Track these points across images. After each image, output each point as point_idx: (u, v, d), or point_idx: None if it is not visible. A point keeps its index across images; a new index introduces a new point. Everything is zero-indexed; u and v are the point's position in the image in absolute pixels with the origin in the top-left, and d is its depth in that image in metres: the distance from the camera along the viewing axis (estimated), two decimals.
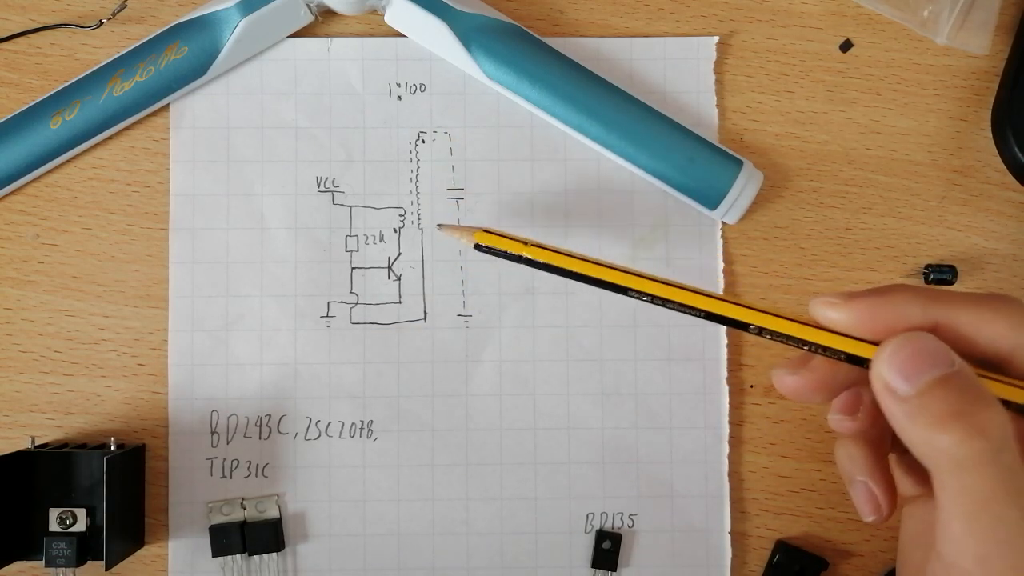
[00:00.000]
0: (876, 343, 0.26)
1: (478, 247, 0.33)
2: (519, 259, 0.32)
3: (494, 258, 0.32)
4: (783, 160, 0.41)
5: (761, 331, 0.28)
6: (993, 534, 0.23)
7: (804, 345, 0.27)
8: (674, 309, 0.29)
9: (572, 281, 0.31)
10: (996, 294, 0.26)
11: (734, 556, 0.40)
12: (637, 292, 0.29)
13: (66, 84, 0.40)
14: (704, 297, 0.28)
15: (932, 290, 0.26)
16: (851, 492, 0.29)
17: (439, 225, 0.38)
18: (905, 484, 0.30)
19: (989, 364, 0.26)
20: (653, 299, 0.29)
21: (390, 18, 0.40)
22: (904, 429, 0.24)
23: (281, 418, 0.40)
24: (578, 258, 0.31)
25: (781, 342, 0.27)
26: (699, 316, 0.28)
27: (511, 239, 0.32)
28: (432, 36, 0.40)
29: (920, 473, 0.30)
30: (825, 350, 0.27)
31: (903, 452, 0.31)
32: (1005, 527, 0.23)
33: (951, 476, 0.24)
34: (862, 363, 0.26)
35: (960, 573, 0.24)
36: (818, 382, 0.27)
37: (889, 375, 0.25)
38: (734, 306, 0.28)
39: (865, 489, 0.28)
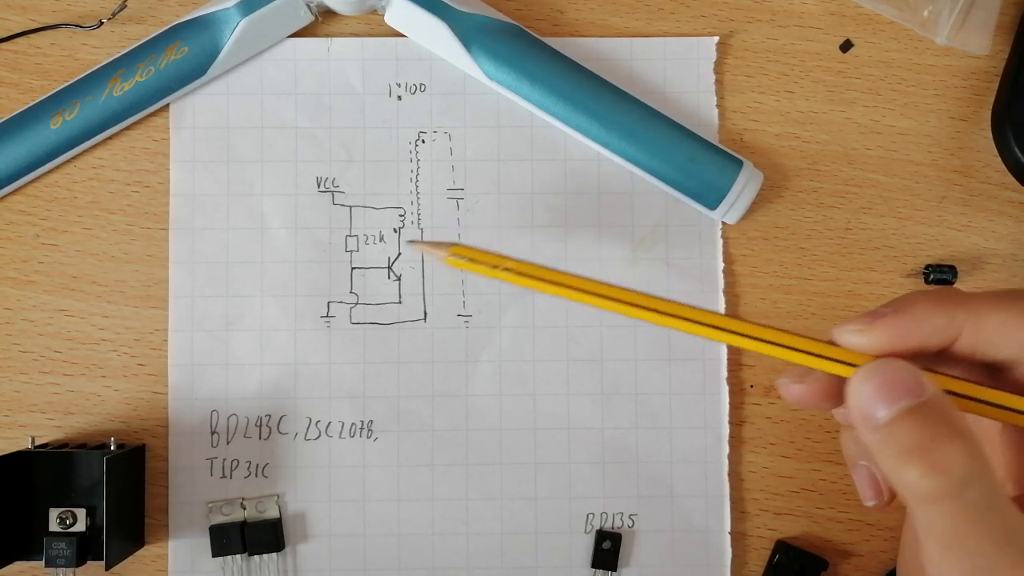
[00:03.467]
0: (855, 365, 0.25)
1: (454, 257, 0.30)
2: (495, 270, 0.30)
3: None
4: (783, 160, 0.41)
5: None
6: (968, 567, 0.23)
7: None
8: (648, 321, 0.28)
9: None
10: (1019, 291, 0.25)
11: (734, 556, 0.40)
12: (614, 308, 0.28)
13: (66, 84, 0.40)
14: (668, 316, 0.28)
15: (954, 295, 0.25)
16: (853, 476, 0.28)
17: (410, 242, 0.39)
18: None
19: (1014, 365, 0.25)
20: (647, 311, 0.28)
21: (390, 18, 0.40)
22: (875, 456, 0.24)
23: (281, 418, 0.40)
24: (553, 281, 0.29)
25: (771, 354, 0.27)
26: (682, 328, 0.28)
27: (484, 259, 0.29)
28: (432, 36, 0.40)
29: None
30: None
31: None
32: (977, 559, 0.23)
33: (918, 509, 0.23)
34: None
35: None
36: (824, 391, 0.27)
37: (859, 403, 0.24)
38: (714, 329, 0.27)
39: (867, 473, 0.28)
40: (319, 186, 0.41)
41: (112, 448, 0.38)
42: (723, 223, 0.41)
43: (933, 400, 0.24)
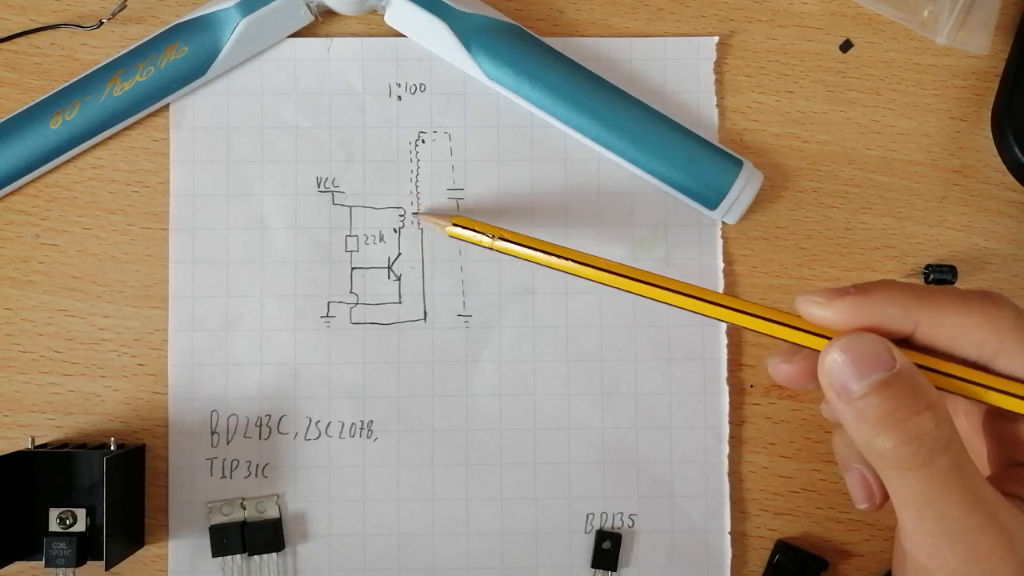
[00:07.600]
0: (830, 337, 0.26)
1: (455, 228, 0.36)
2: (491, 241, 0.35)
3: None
4: (783, 160, 0.41)
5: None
6: (939, 530, 0.24)
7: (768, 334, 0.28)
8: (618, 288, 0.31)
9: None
10: (984, 293, 0.26)
11: (734, 556, 0.40)
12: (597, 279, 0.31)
13: (66, 84, 0.40)
14: (657, 288, 0.30)
15: (918, 289, 0.26)
16: (846, 479, 0.29)
17: (415, 213, 0.40)
18: None
19: (973, 365, 0.26)
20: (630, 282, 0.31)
21: (390, 18, 0.40)
22: (849, 429, 0.25)
23: (281, 418, 0.40)
24: (550, 252, 0.33)
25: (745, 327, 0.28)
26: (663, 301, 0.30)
27: (483, 230, 0.35)
28: (432, 36, 0.40)
29: None
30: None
31: None
32: (949, 523, 0.24)
33: (893, 477, 0.24)
34: None
35: (918, 567, 0.25)
36: (811, 370, 0.27)
37: (832, 377, 0.25)
38: (693, 299, 0.29)
39: (859, 476, 0.29)
40: (319, 186, 0.41)
41: (112, 448, 0.38)
42: (723, 223, 0.41)
43: (904, 371, 0.25)
